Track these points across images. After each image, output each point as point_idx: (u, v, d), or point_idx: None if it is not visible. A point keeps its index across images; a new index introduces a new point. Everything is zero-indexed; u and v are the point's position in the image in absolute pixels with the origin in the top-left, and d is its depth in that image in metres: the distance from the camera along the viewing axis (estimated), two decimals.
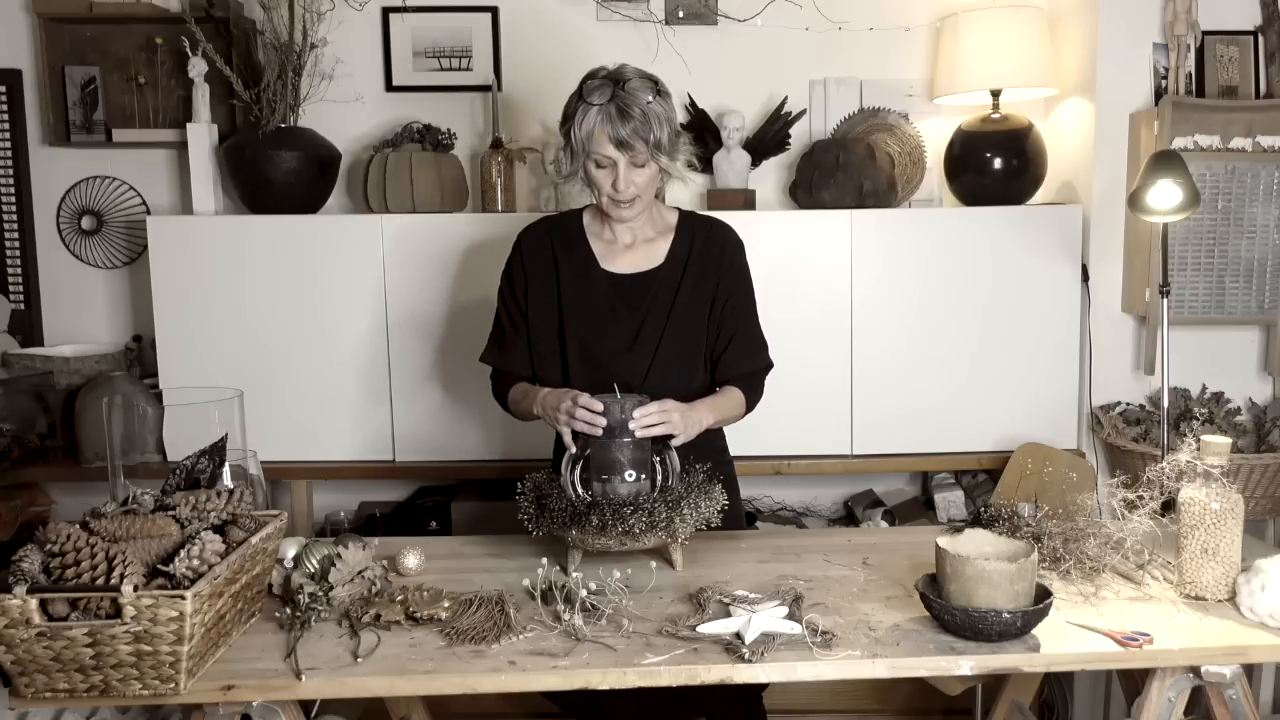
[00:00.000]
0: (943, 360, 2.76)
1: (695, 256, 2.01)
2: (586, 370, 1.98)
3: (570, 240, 2.03)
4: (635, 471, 1.77)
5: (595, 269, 2.01)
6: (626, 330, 1.99)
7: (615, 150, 1.84)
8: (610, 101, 1.82)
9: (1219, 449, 1.62)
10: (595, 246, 2.03)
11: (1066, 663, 1.51)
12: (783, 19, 2.98)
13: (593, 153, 1.86)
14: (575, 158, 1.89)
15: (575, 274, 2.01)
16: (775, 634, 1.49)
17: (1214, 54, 2.74)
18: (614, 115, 1.82)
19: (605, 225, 2.02)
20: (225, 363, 2.76)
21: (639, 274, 2.01)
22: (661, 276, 2.01)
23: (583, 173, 1.91)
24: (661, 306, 1.99)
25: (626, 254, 2.02)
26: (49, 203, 3.12)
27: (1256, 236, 2.65)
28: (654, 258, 2.02)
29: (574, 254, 2.02)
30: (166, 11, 2.94)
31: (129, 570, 1.35)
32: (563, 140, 1.92)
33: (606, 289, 2.00)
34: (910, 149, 3.02)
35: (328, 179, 2.90)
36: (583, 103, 1.84)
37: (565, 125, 1.89)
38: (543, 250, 2.03)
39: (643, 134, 1.83)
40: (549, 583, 1.61)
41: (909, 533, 2.34)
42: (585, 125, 1.84)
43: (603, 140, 1.84)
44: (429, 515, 2.90)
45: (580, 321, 1.99)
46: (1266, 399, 2.80)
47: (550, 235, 2.04)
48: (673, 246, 2.02)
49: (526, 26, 3.04)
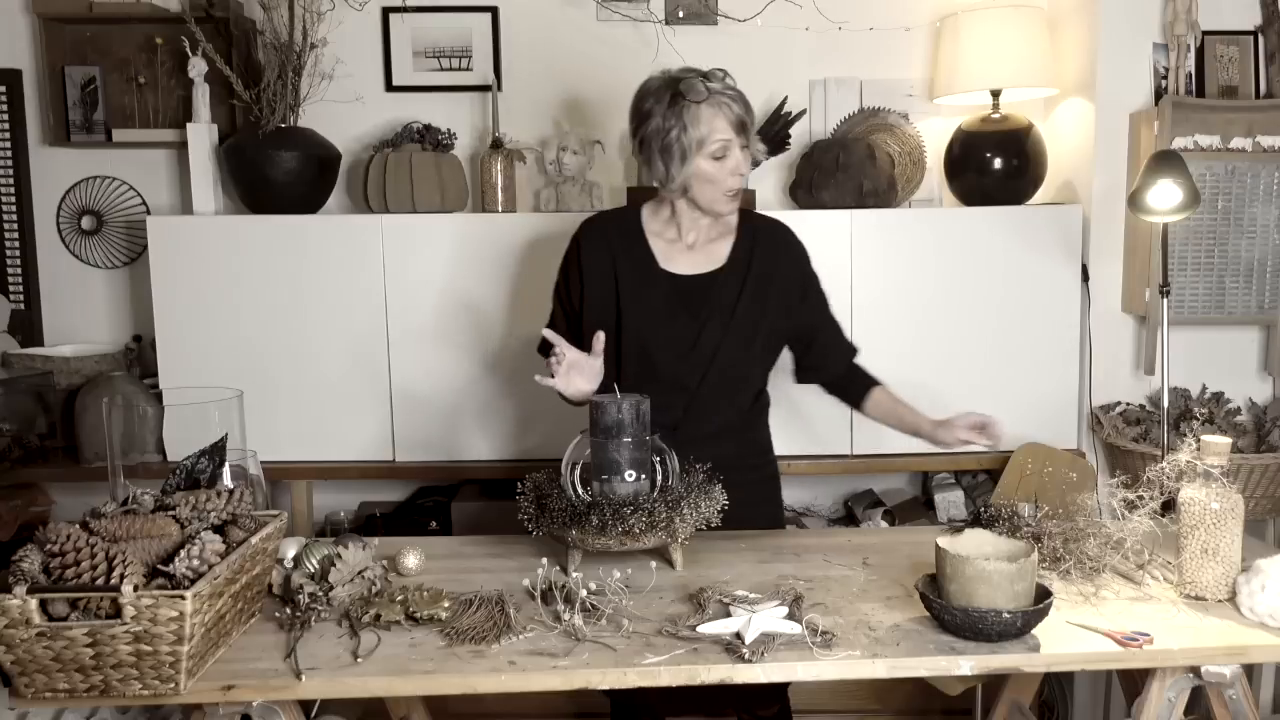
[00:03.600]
0: (943, 360, 2.76)
1: (757, 259, 2.00)
2: (642, 369, 1.98)
3: (630, 238, 2.02)
4: (635, 471, 1.77)
5: (655, 269, 2.00)
6: (687, 333, 1.98)
7: (736, 134, 1.87)
8: (713, 93, 1.85)
9: (1219, 449, 1.62)
10: (655, 245, 2.01)
11: (1066, 663, 1.51)
12: (783, 19, 2.98)
13: (712, 143, 1.86)
14: (685, 162, 1.87)
15: (634, 273, 2.00)
16: (775, 634, 1.49)
17: (1214, 54, 2.74)
18: (726, 102, 1.86)
19: (670, 224, 2.01)
20: (225, 363, 2.76)
21: (699, 275, 2.00)
22: (722, 279, 2.00)
23: (689, 177, 1.89)
24: (722, 310, 1.98)
25: (687, 255, 2.01)
26: (49, 203, 3.12)
27: (1256, 236, 2.65)
28: (715, 259, 2.01)
29: (633, 252, 2.01)
30: (166, 11, 2.94)
31: (129, 570, 1.35)
32: (654, 157, 1.90)
33: (666, 290, 1.99)
34: (910, 149, 3.02)
35: (328, 179, 2.90)
36: (687, 103, 1.84)
37: (665, 136, 1.86)
38: (601, 247, 2.01)
39: (751, 115, 1.90)
40: (549, 583, 1.61)
41: (909, 533, 2.34)
42: (701, 121, 1.85)
43: (724, 126, 1.86)
44: (429, 515, 2.90)
45: (639, 322, 1.98)
46: (1266, 399, 2.80)
47: (609, 232, 2.03)
48: (734, 248, 2.01)
49: (526, 26, 3.04)
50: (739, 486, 2.02)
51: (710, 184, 1.90)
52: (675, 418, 1.99)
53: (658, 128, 1.88)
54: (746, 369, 2.03)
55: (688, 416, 2.00)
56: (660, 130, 1.87)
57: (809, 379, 2.14)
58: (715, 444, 2.00)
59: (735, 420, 2.06)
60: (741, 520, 2.00)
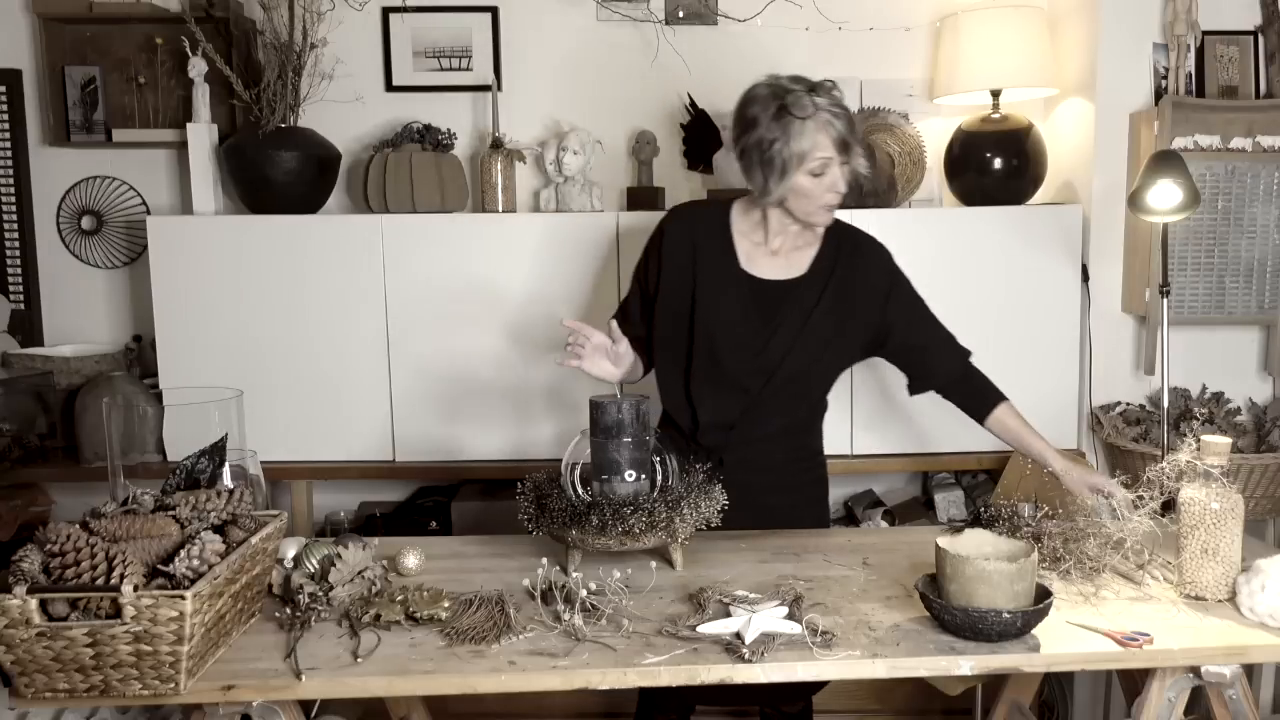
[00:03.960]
0: None
1: (839, 272, 1.99)
2: (709, 365, 1.98)
3: (715, 234, 2.01)
4: (635, 471, 1.77)
5: (735, 269, 1.99)
6: (757, 337, 1.97)
7: (838, 152, 1.84)
8: (819, 109, 1.82)
9: (1219, 449, 1.62)
10: (740, 245, 2.00)
11: (1066, 663, 1.51)
12: (783, 19, 2.98)
13: (813, 160, 1.84)
14: (785, 176, 1.85)
15: (714, 269, 1.99)
16: (775, 634, 1.49)
17: (1214, 54, 2.74)
18: (831, 120, 1.82)
19: (759, 226, 1.99)
20: (225, 363, 2.76)
21: (778, 281, 1.99)
22: (801, 287, 1.99)
23: (787, 191, 1.88)
24: (795, 319, 1.97)
25: (770, 259, 2.00)
26: (49, 203, 3.12)
27: (1256, 236, 2.65)
28: (796, 266, 2.00)
29: (716, 248, 2.00)
30: (166, 11, 2.94)
31: (129, 570, 1.35)
32: (754, 167, 1.88)
33: (744, 291, 1.98)
34: (910, 149, 3.02)
35: (328, 179, 2.90)
36: (792, 119, 1.82)
37: (768, 149, 1.84)
38: (685, 238, 2.00)
39: (855, 134, 1.86)
40: (549, 583, 1.61)
41: (909, 533, 2.34)
42: (803, 137, 1.82)
43: (826, 144, 1.83)
44: (429, 515, 2.90)
45: (711, 318, 1.98)
46: (1266, 399, 2.80)
47: (695, 224, 2.02)
48: (817, 257, 2.00)
49: (526, 26, 3.04)
50: (787, 490, 2.03)
51: (806, 198, 1.88)
52: (733, 417, 2.00)
53: (760, 139, 1.85)
54: (811, 378, 2.02)
55: (745, 417, 2.01)
56: (763, 142, 1.85)
57: (920, 389, 2.10)
58: (768, 446, 2.02)
59: (791, 424, 2.06)
60: (788, 522, 2.03)
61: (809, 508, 2.12)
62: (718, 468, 2.00)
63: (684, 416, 2.05)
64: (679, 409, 2.05)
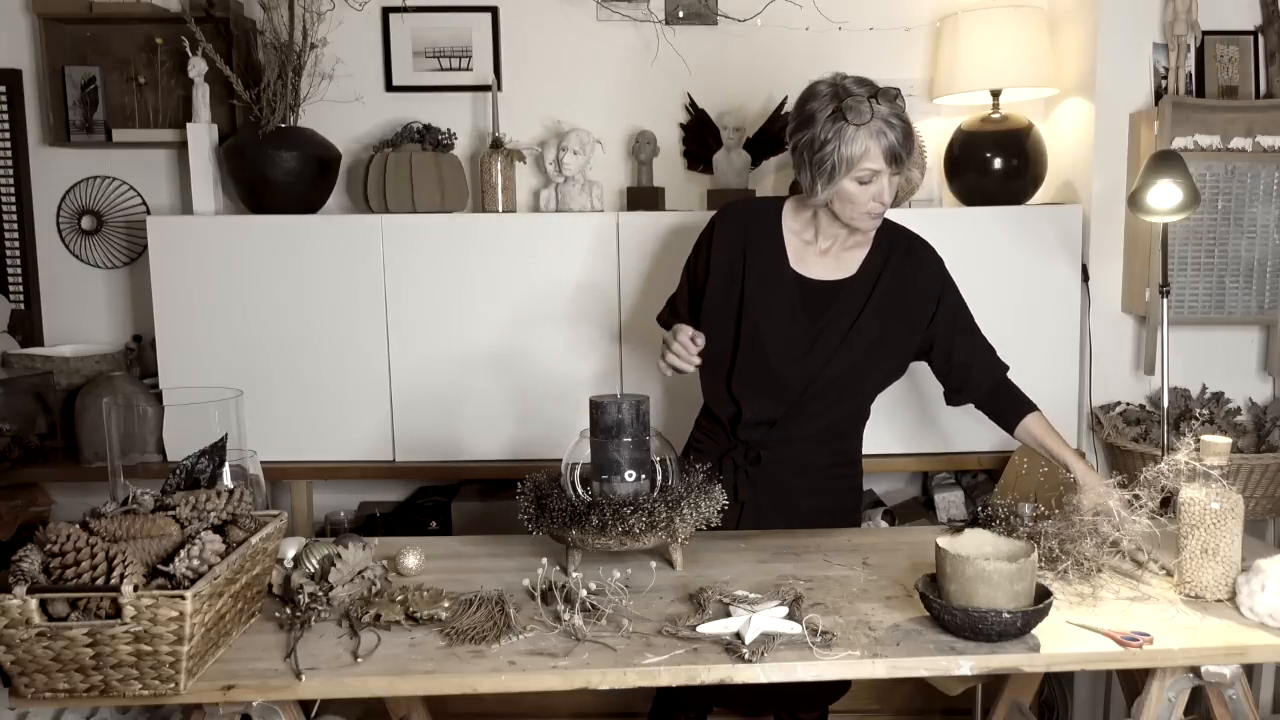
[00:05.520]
0: None
1: (889, 274, 1.98)
2: (754, 362, 1.97)
3: (766, 231, 1.99)
4: (635, 471, 1.77)
5: (784, 267, 1.98)
6: (804, 337, 1.97)
7: (887, 163, 1.81)
8: (876, 118, 1.79)
9: (1219, 449, 1.62)
10: (790, 244, 1.99)
11: (1066, 663, 1.51)
12: (783, 19, 2.98)
13: (861, 169, 1.81)
14: (833, 177, 1.83)
15: (763, 266, 1.98)
16: (775, 634, 1.49)
17: (1214, 54, 2.74)
18: (885, 130, 1.79)
19: (809, 225, 1.98)
20: (225, 363, 2.76)
21: (827, 281, 1.98)
22: (849, 289, 1.98)
23: (833, 194, 1.86)
24: (843, 320, 1.96)
25: (820, 259, 1.99)
26: (49, 203, 3.12)
27: (1256, 236, 2.65)
28: (846, 267, 1.99)
29: (766, 246, 1.99)
30: (166, 11, 2.94)
31: (129, 570, 1.35)
32: (804, 165, 1.87)
33: (792, 290, 1.97)
34: None
35: (327, 179, 2.90)
36: (846, 124, 1.79)
37: (820, 150, 1.82)
38: (736, 235, 1.99)
39: (909, 146, 1.83)
40: (549, 583, 1.61)
41: (909, 533, 2.34)
42: (855, 144, 1.79)
43: (875, 155, 1.80)
44: (429, 515, 2.90)
45: (759, 315, 1.97)
46: (1266, 399, 2.80)
47: (746, 221, 2.01)
48: (867, 258, 1.99)
49: (526, 26, 3.04)
50: (822, 493, 2.03)
51: (851, 204, 1.87)
52: (775, 415, 2.00)
53: (813, 138, 1.83)
54: (856, 381, 2.01)
55: (787, 417, 2.01)
56: (815, 141, 1.82)
57: (956, 401, 2.10)
58: (807, 447, 2.02)
59: (832, 427, 2.05)
60: (820, 526, 2.02)
61: (840, 515, 2.10)
62: (755, 464, 2.00)
63: (725, 409, 2.05)
64: (720, 402, 2.05)
